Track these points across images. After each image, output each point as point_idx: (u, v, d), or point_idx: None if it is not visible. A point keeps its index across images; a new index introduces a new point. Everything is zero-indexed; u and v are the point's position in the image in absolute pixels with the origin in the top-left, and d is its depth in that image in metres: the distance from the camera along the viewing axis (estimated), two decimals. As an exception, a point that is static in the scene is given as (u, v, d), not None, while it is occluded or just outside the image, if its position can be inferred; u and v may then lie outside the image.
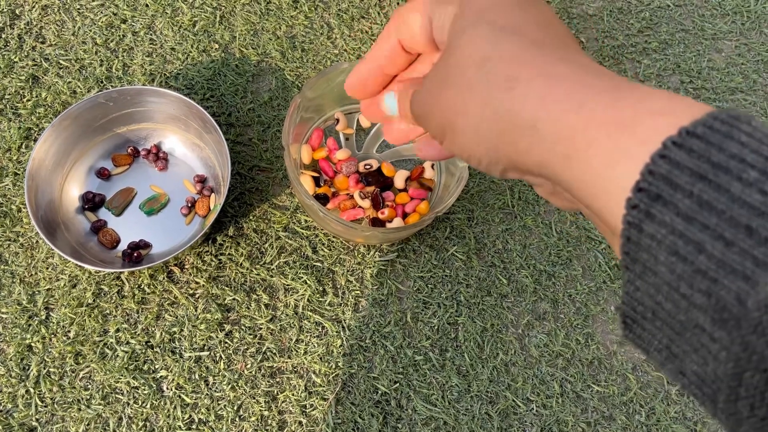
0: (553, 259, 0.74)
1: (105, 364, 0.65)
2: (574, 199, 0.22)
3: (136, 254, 0.68)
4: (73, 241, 0.67)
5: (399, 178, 0.73)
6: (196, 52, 0.81)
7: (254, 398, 0.65)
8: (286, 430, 0.64)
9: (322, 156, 0.73)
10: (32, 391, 0.64)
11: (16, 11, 0.82)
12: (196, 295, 0.69)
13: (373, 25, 0.85)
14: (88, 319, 0.67)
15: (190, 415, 0.64)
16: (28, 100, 0.77)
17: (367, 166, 0.73)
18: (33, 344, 0.66)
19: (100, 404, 0.64)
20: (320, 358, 0.67)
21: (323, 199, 0.71)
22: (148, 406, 0.64)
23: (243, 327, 0.68)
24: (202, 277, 0.69)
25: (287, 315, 0.69)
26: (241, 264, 0.70)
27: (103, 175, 0.72)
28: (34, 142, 0.73)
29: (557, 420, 0.67)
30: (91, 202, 0.71)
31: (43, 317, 0.67)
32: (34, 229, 0.70)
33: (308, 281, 0.70)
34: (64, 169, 0.70)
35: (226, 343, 0.67)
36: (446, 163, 0.72)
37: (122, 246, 0.70)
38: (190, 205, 0.72)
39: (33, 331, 0.66)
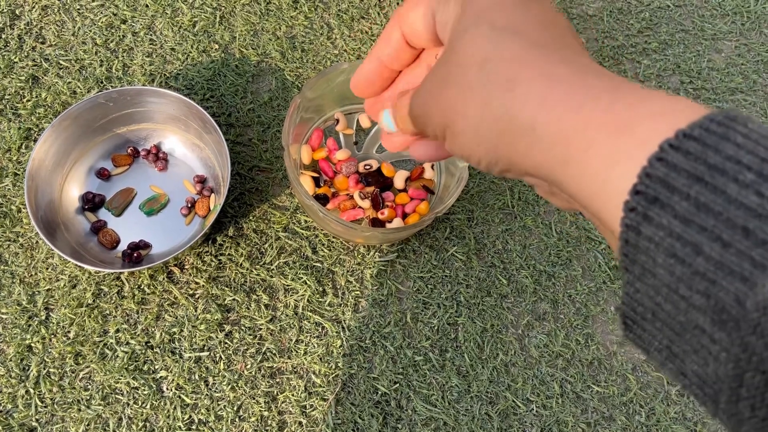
0: (553, 260, 0.74)
1: (105, 365, 0.65)
2: (573, 200, 0.22)
3: (135, 254, 0.68)
4: (73, 241, 0.67)
5: (399, 179, 0.73)
6: (196, 53, 0.81)
7: (254, 399, 0.65)
8: (285, 431, 0.64)
9: (322, 156, 0.73)
10: (32, 391, 0.64)
11: (16, 11, 0.82)
12: (196, 296, 0.69)
13: (372, 25, 0.85)
14: (88, 320, 0.67)
15: (190, 416, 0.64)
16: (28, 101, 0.77)
17: (367, 167, 0.73)
18: (33, 345, 0.66)
19: (99, 405, 0.64)
20: (320, 359, 0.67)
21: (323, 200, 0.71)
22: (148, 407, 0.64)
23: (243, 327, 0.68)
24: (202, 278, 0.69)
25: (287, 315, 0.69)
26: (241, 264, 0.70)
27: (103, 175, 0.72)
28: (34, 143, 0.73)
29: (557, 420, 0.67)
30: (91, 203, 0.71)
31: (43, 318, 0.67)
32: (33, 229, 0.70)
33: (308, 282, 0.70)
34: (64, 170, 0.70)
35: (226, 343, 0.67)
36: (446, 164, 0.72)
37: (122, 246, 0.70)
38: (189, 206, 0.72)
39: (33, 331, 0.66)
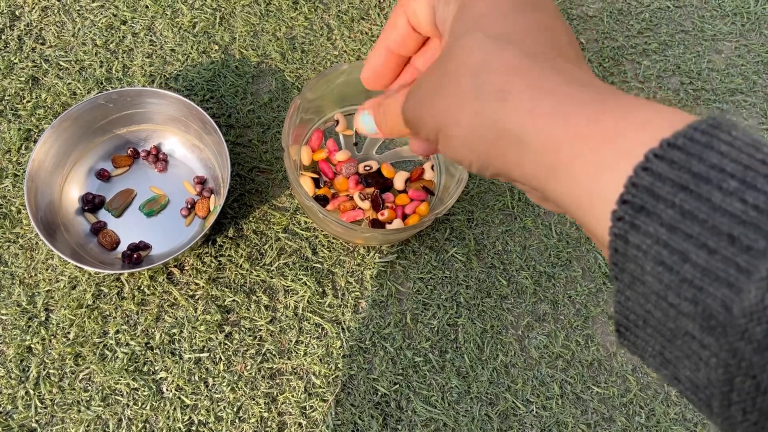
0: (553, 261, 0.74)
1: (105, 366, 0.65)
2: (562, 209, 0.22)
3: (135, 255, 0.68)
4: (73, 242, 0.67)
5: (399, 180, 0.73)
6: (196, 54, 0.81)
7: (254, 400, 0.65)
8: (285, 432, 0.64)
9: (322, 157, 0.73)
10: (32, 392, 0.64)
11: (16, 12, 0.82)
12: (196, 297, 0.69)
13: (372, 26, 0.85)
14: (88, 321, 0.67)
15: (190, 417, 0.64)
16: (28, 102, 0.77)
17: (367, 168, 0.73)
18: (33, 346, 0.66)
19: (99, 406, 0.64)
20: (320, 360, 0.67)
21: (323, 201, 0.71)
22: (148, 408, 0.64)
23: (243, 328, 0.68)
24: (202, 279, 0.69)
25: (287, 316, 0.69)
26: (241, 265, 0.70)
27: (102, 176, 0.72)
28: (34, 144, 0.73)
29: (557, 421, 0.67)
30: (91, 204, 0.71)
31: (43, 319, 0.67)
32: (33, 230, 0.70)
33: (308, 282, 0.70)
34: (64, 171, 0.70)
35: (226, 344, 0.67)
36: (446, 165, 0.72)
37: (122, 247, 0.70)
38: (189, 207, 0.72)
39: (33, 332, 0.66)
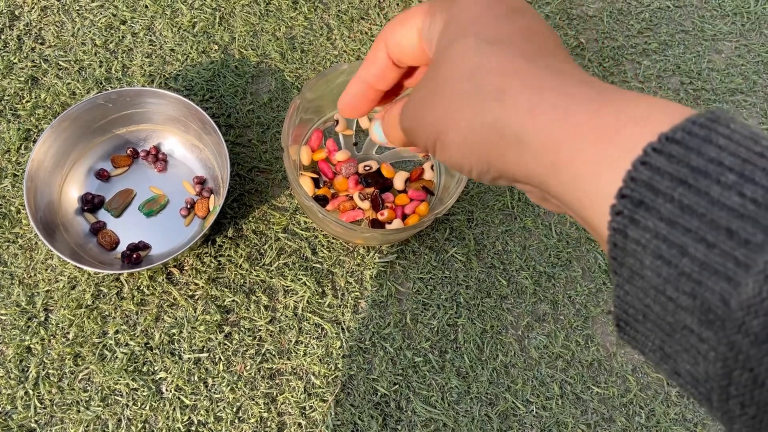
0: (553, 261, 0.74)
1: (104, 366, 0.65)
2: (564, 206, 0.22)
3: (135, 256, 0.68)
4: (72, 242, 0.67)
5: (398, 180, 0.73)
6: (195, 54, 0.81)
7: (253, 400, 0.65)
8: (285, 432, 0.64)
9: (322, 157, 0.73)
10: (31, 392, 0.64)
11: (16, 12, 0.82)
12: (196, 297, 0.69)
13: (372, 26, 0.85)
14: (87, 321, 0.67)
15: (189, 417, 0.64)
16: (28, 101, 0.77)
17: (367, 168, 0.73)
18: (32, 346, 0.66)
19: (99, 406, 0.64)
20: (320, 360, 0.67)
21: (323, 201, 0.71)
22: (147, 408, 0.64)
23: (242, 328, 0.68)
24: (202, 279, 0.69)
25: (287, 316, 0.69)
26: (241, 265, 0.70)
27: (102, 176, 0.72)
28: (34, 144, 0.73)
29: (557, 422, 0.67)
30: (91, 204, 0.70)
31: (42, 319, 0.67)
32: (33, 230, 0.70)
33: (308, 283, 0.70)
34: (64, 171, 0.70)
35: (226, 344, 0.67)
36: (446, 165, 0.72)
37: (121, 247, 0.70)
38: (189, 207, 0.72)
39: (32, 332, 0.66)
